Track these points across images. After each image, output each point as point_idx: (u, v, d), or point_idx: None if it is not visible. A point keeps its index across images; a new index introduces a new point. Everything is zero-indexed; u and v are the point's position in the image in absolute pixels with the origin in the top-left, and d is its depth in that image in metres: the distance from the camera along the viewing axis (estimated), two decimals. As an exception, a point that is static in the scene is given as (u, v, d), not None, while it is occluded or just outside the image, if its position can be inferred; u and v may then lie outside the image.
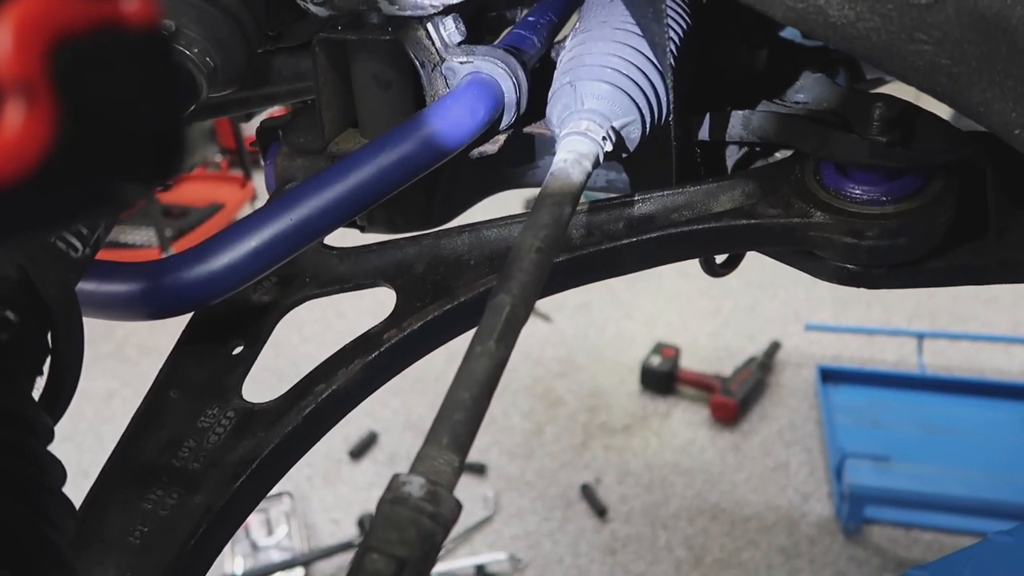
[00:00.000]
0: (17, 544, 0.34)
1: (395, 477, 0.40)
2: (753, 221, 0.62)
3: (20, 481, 0.36)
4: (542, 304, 2.99)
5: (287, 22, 0.70)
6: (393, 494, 0.39)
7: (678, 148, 0.64)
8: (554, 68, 0.72)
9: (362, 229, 0.78)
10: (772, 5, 0.46)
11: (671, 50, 0.57)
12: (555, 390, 2.79)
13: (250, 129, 4.15)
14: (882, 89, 0.90)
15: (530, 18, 0.74)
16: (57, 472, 0.39)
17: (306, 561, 2.22)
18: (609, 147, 0.57)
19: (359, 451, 2.57)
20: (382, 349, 0.62)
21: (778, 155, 0.74)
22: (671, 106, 0.60)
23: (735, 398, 2.58)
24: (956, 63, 0.44)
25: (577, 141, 0.56)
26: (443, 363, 2.85)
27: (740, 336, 2.94)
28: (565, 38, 0.79)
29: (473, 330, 0.66)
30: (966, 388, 2.54)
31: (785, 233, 0.61)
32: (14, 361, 0.40)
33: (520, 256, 0.49)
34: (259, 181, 4.21)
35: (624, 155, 0.61)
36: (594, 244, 0.64)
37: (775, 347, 2.82)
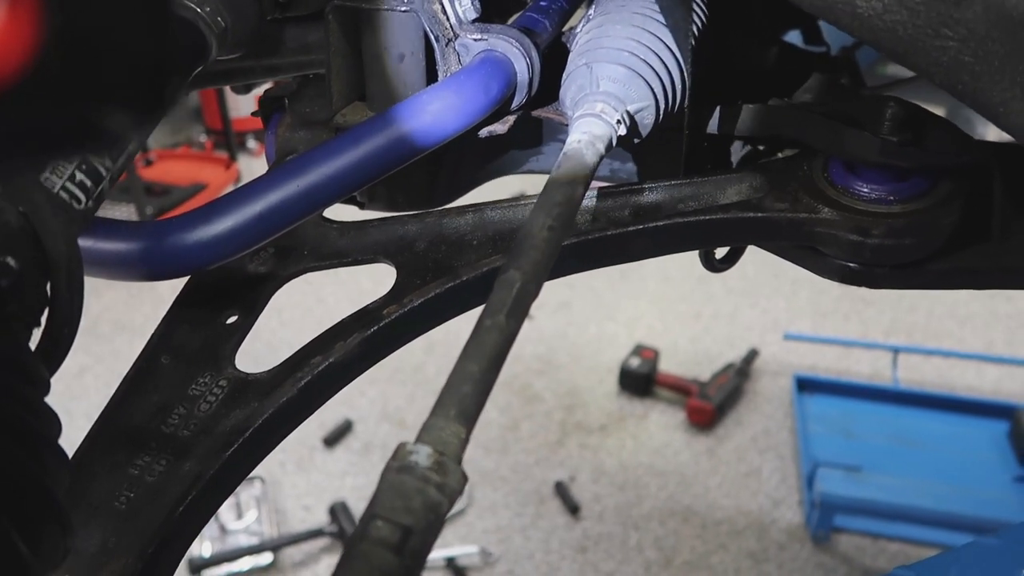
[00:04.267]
0: (13, 491, 0.33)
1: (401, 445, 0.39)
2: (760, 214, 0.62)
3: (17, 428, 0.34)
4: (524, 300, 2.98)
5: (297, -10, 0.69)
6: (399, 462, 0.39)
7: (689, 138, 0.64)
8: (564, 54, 0.72)
9: (361, 206, 0.77)
10: (800, -7, 0.46)
11: (692, 35, 0.57)
12: (533, 387, 2.78)
13: (237, 111, 4.10)
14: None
15: (542, 2, 0.74)
16: (53, 423, 0.37)
17: (275, 546, 2.19)
18: (623, 131, 0.56)
19: (333, 439, 2.56)
20: (381, 324, 0.61)
21: (780, 155, 0.74)
22: (687, 93, 0.60)
23: (712, 403, 2.59)
24: (979, 61, 0.44)
25: (591, 123, 0.55)
26: (422, 354, 2.85)
27: (719, 342, 2.96)
28: (574, 26, 0.78)
29: (473, 309, 0.65)
30: (938, 403, 2.58)
31: (791, 228, 0.61)
32: (13, 309, 0.39)
33: (532, 233, 0.48)
34: (244, 163, 4.16)
35: (636, 140, 0.60)
36: (600, 230, 0.64)
37: (753, 354, 2.85)
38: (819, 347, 2.89)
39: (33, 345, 0.43)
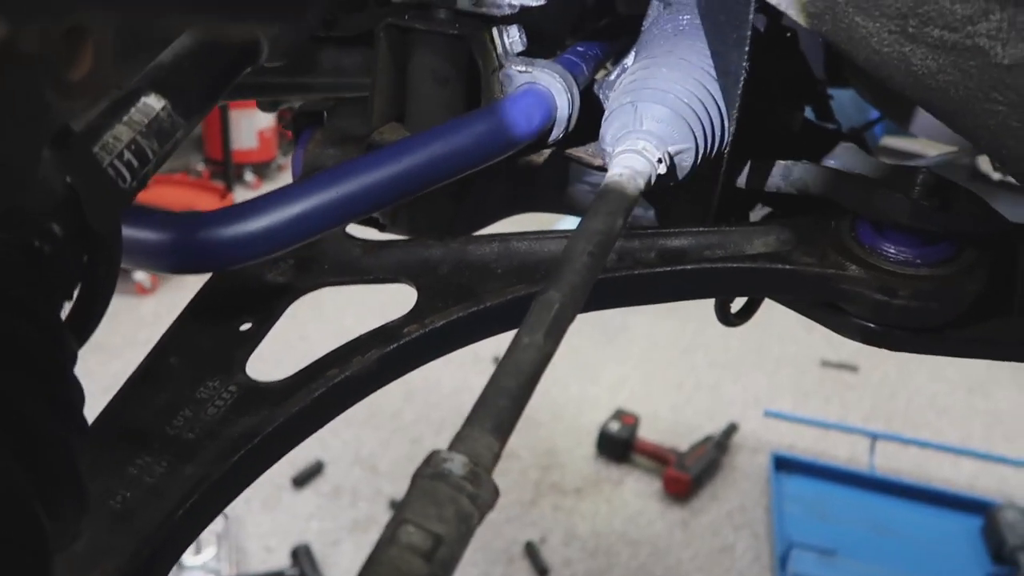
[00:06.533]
0: (40, 457, 0.31)
1: (435, 452, 0.38)
2: (787, 266, 0.62)
3: (49, 395, 0.33)
4: (508, 355, 2.96)
5: (345, 10, 0.70)
6: (433, 469, 0.37)
7: (721, 186, 0.65)
8: (595, 100, 0.73)
9: (382, 228, 0.77)
10: (857, 47, 0.47)
11: (742, 83, 0.58)
12: (509, 443, 2.74)
13: (238, 144, 4.11)
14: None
15: (579, 48, 0.75)
16: (80, 393, 0.36)
17: (232, 586, 2.11)
18: (663, 170, 0.57)
19: (303, 479, 2.49)
20: (401, 342, 0.60)
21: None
22: (727, 141, 0.61)
23: (689, 473, 2.57)
24: (1026, 127, 0.45)
25: (633, 158, 0.56)
26: (400, 400, 2.81)
27: (700, 413, 2.95)
28: (608, 73, 0.80)
29: (492, 336, 0.65)
30: (914, 494, 2.57)
31: (818, 282, 0.62)
32: (52, 276, 0.38)
33: (572, 258, 0.48)
34: (240, 194, 4.16)
35: (672, 183, 0.61)
36: (626, 269, 0.64)
37: (732, 429, 2.83)
38: (798, 427, 2.89)
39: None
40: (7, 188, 0.36)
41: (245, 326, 0.64)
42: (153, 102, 0.47)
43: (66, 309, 0.42)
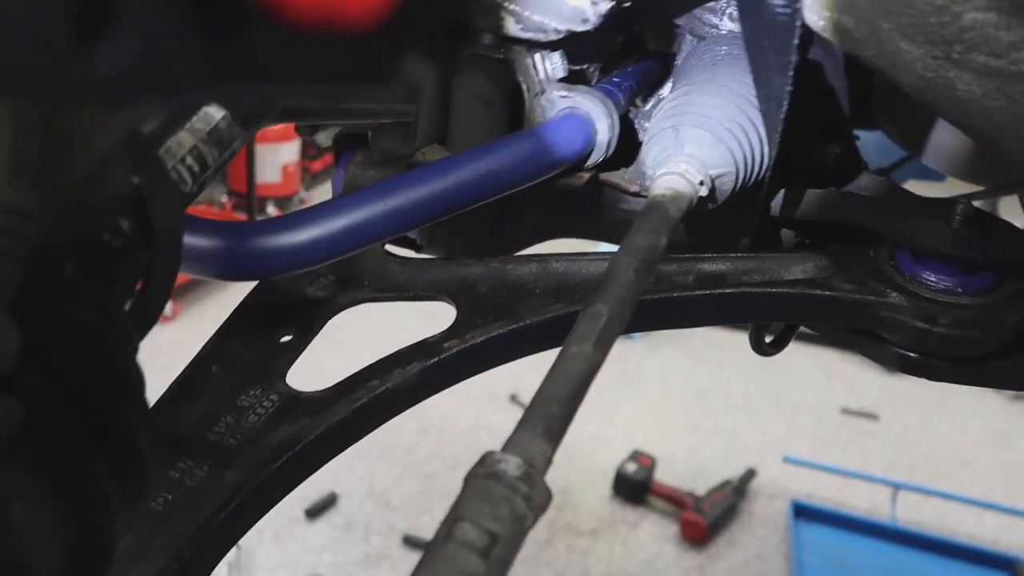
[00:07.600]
0: (107, 433, 0.32)
1: (489, 454, 0.39)
2: (827, 292, 0.62)
3: (120, 382, 0.34)
4: (520, 393, 2.96)
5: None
6: (487, 469, 0.38)
7: (760, 213, 0.65)
8: (628, 131, 0.75)
9: (419, 249, 0.78)
10: (901, 73, 0.48)
11: (784, 108, 0.59)
12: (525, 482, 2.72)
13: (262, 177, 4.17)
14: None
15: (615, 78, 0.77)
16: (140, 378, 0.37)
17: (241, 618, 2.09)
18: (704, 192, 0.58)
19: (316, 511, 2.47)
20: (442, 356, 0.60)
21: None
22: (768, 167, 0.62)
23: (706, 518, 2.53)
24: (1071, 153, 0.46)
25: (675, 180, 0.57)
26: (415, 435, 2.80)
27: (717, 457, 2.92)
28: (644, 104, 0.82)
29: (531, 355, 0.65)
30: (937, 547, 2.52)
31: (857, 309, 0.62)
32: (118, 270, 0.39)
33: (618, 272, 0.49)
34: (260, 227, 4.21)
35: (711, 206, 0.62)
36: (664, 291, 0.64)
37: (751, 474, 2.80)
38: (817, 474, 2.85)
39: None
40: (81, 187, 0.37)
41: (285, 337, 0.65)
42: (214, 111, 0.49)
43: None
